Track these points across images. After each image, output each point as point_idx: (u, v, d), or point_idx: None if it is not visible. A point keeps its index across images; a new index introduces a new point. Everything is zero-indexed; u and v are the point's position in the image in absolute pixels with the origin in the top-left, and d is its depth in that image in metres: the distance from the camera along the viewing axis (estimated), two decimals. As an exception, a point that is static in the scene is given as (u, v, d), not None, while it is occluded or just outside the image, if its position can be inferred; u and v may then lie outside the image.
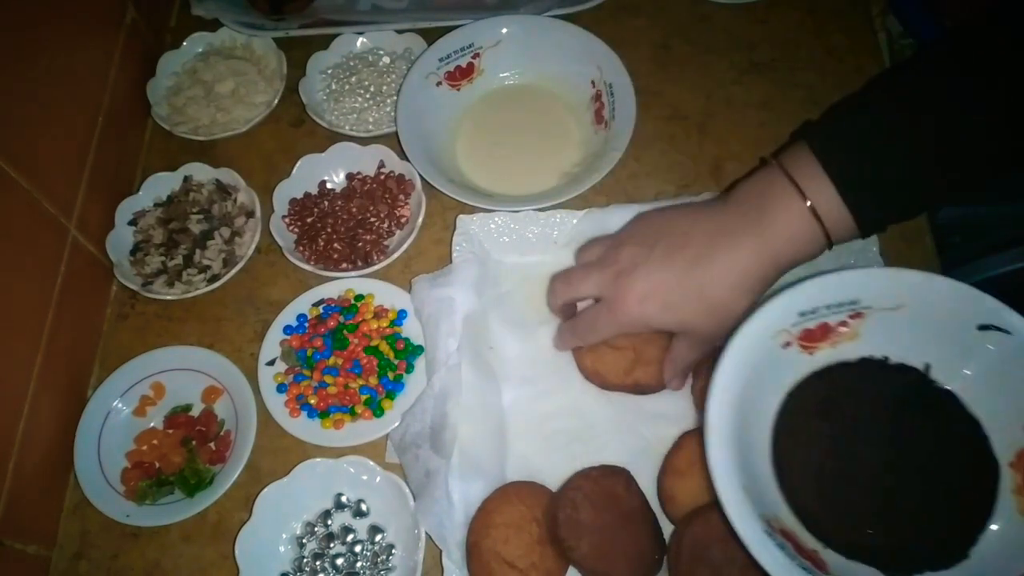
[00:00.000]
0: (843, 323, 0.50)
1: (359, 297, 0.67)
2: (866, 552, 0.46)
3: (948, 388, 0.49)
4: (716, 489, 0.43)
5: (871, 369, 0.50)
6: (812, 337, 0.50)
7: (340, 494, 0.60)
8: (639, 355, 0.60)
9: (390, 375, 0.64)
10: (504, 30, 0.76)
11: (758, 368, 0.48)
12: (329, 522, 0.60)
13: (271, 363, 0.66)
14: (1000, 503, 0.46)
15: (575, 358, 0.62)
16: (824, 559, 0.45)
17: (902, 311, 0.49)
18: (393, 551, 0.59)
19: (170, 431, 0.64)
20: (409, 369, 0.65)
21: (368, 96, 0.77)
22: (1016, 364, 0.46)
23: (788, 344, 0.49)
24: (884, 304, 0.49)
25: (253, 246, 0.69)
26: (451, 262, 0.65)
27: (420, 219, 0.69)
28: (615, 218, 0.65)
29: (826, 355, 0.51)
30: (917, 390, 0.50)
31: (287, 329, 0.67)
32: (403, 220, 0.72)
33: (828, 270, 0.50)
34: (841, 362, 0.51)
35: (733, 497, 0.43)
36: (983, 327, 0.47)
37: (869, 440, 0.49)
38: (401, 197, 0.72)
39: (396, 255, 0.68)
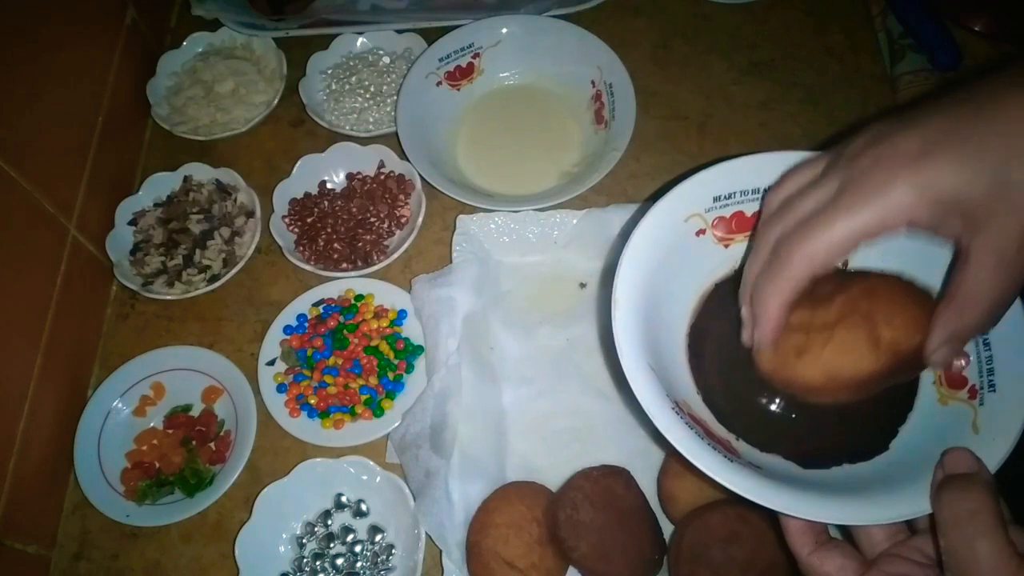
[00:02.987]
0: (759, 213, 0.45)
1: (359, 297, 0.67)
2: (782, 447, 0.44)
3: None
4: (622, 365, 0.41)
5: None
6: (727, 227, 0.47)
7: (340, 494, 0.60)
8: (869, 311, 0.40)
9: (390, 375, 0.64)
10: (504, 30, 0.76)
11: (671, 253, 0.45)
12: (329, 522, 0.60)
13: (271, 363, 0.66)
14: (921, 397, 0.44)
15: (759, 364, 0.42)
16: (736, 448, 0.43)
17: None
18: (393, 551, 0.59)
19: (170, 431, 0.64)
20: (409, 369, 0.65)
21: (368, 96, 0.77)
22: (932, 257, 0.42)
23: (702, 232, 0.46)
24: None
25: (253, 246, 0.69)
26: (451, 262, 0.65)
27: (420, 219, 0.69)
28: (615, 218, 0.65)
29: (741, 249, 0.47)
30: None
31: (287, 329, 0.67)
32: (403, 220, 0.72)
33: (748, 152, 0.45)
34: None
35: (638, 372, 0.41)
36: None
37: None
38: (401, 197, 0.72)
39: (396, 255, 0.68)
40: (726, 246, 0.48)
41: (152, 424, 0.65)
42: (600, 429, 0.61)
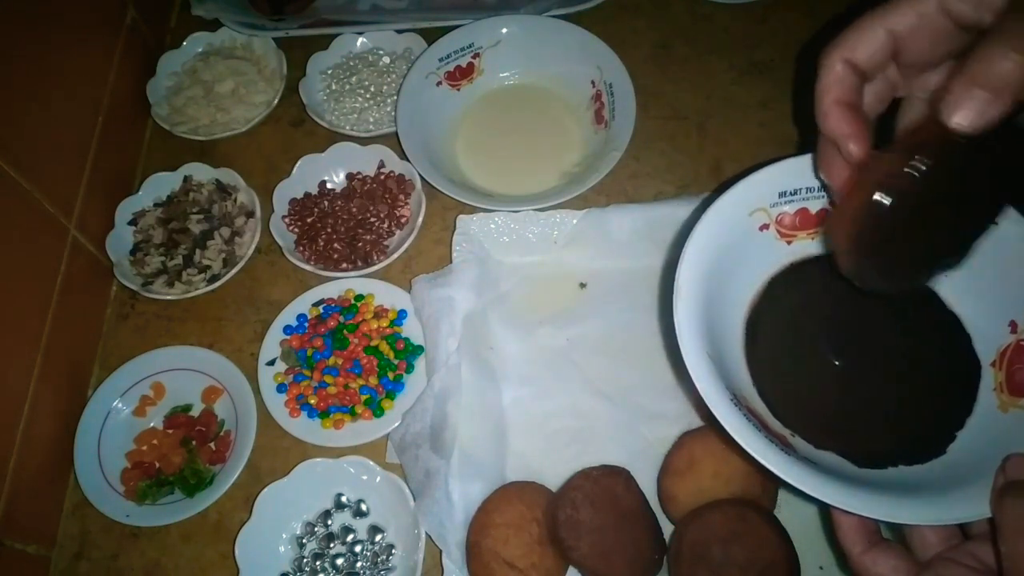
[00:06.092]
0: (823, 211, 0.46)
1: (359, 297, 0.67)
2: (838, 446, 0.44)
3: (928, 285, 0.46)
4: (683, 354, 0.41)
5: None
6: (791, 223, 0.47)
7: (340, 494, 0.60)
8: None
9: (390, 375, 0.64)
10: (504, 30, 0.76)
11: (734, 246, 0.46)
12: (329, 522, 0.60)
13: (271, 363, 0.66)
14: (980, 402, 0.44)
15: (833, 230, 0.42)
16: (792, 444, 0.43)
17: None
18: (393, 551, 0.59)
19: (170, 431, 0.64)
20: (409, 369, 0.65)
21: (368, 96, 0.77)
22: (999, 259, 0.43)
23: (765, 227, 0.47)
24: None
25: (253, 246, 0.69)
26: (451, 262, 0.65)
27: (420, 219, 0.69)
28: (615, 218, 0.65)
29: (803, 246, 0.48)
30: None
31: (287, 329, 0.67)
32: (403, 220, 0.72)
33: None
34: (818, 255, 0.48)
35: (699, 363, 0.41)
36: None
37: (843, 339, 0.47)
38: (401, 197, 0.72)
39: (396, 255, 0.68)
40: (788, 242, 0.48)
41: (152, 424, 0.65)
42: (600, 429, 0.61)
